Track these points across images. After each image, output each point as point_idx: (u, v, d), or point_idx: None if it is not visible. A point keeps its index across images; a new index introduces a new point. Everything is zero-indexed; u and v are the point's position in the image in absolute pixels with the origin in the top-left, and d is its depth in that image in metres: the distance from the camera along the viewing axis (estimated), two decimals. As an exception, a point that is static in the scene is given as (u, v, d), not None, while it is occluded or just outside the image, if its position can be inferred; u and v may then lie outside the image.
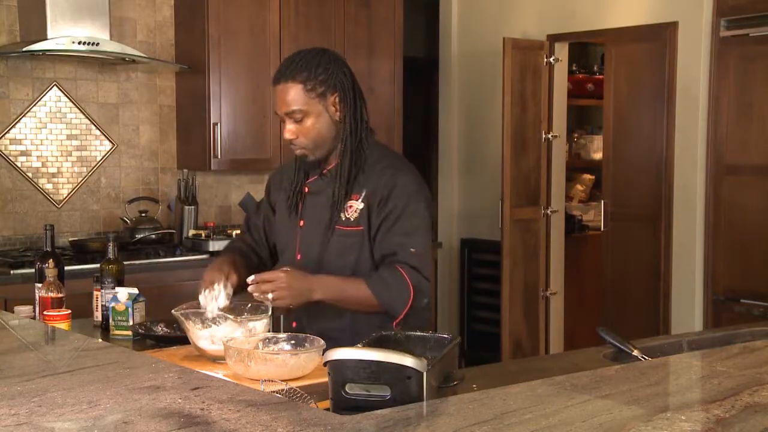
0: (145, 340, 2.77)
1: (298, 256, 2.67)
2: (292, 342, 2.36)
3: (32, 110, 4.68)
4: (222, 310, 2.50)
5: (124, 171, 5.00)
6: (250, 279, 2.46)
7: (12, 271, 4.09)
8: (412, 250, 2.54)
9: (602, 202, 5.47)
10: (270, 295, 2.43)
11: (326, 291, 2.50)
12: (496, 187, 5.53)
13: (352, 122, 2.58)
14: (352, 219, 2.58)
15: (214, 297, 2.51)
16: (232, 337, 2.37)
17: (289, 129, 2.56)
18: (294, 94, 2.53)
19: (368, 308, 2.52)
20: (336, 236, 2.60)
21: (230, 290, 2.54)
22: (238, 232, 4.82)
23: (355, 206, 2.58)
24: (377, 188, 2.57)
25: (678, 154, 5.05)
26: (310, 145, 2.57)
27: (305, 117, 2.54)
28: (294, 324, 2.64)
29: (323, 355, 1.91)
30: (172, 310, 2.49)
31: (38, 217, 4.70)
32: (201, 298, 2.53)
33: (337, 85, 2.56)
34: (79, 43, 4.36)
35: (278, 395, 1.80)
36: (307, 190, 2.69)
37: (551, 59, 5.60)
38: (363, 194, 2.58)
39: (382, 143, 2.73)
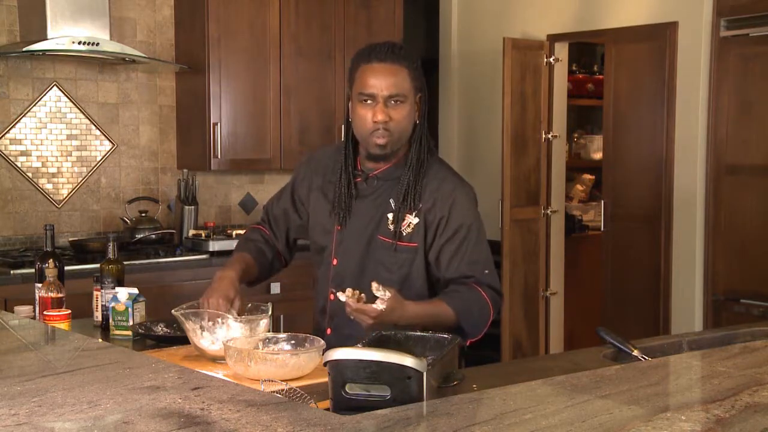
0: (145, 340, 2.77)
1: (335, 262, 2.54)
2: (292, 342, 2.35)
3: (32, 110, 4.68)
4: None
5: (124, 171, 5.00)
6: (349, 312, 2.27)
7: (12, 271, 4.09)
8: (486, 271, 2.46)
9: (602, 202, 5.47)
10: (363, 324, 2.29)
11: (416, 320, 2.32)
12: (495, 187, 5.52)
13: (425, 129, 2.46)
14: (404, 233, 2.45)
15: (216, 330, 2.42)
16: (232, 337, 2.37)
17: (384, 110, 2.38)
18: (402, 78, 2.39)
19: (446, 328, 2.34)
20: (381, 248, 2.47)
21: (233, 323, 2.44)
22: (238, 232, 4.83)
23: (409, 220, 2.45)
24: (435, 204, 2.44)
25: (678, 154, 5.05)
26: (395, 134, 2.41)
27: (402, 105, 2.40)
28: (329, 331, 2.55)
29: (323, 355, 1.91)
30: (172, 310, 2.49)
31: (38, 217, 4.70)
32: (199, 326, 2.43)
33: (423, 86, 2.46)
34: (79, 43, 4.36)
35: (278, 395, 1.80)
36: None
37: (551, 59, 5.60)
38: (419, 209, 2.44)
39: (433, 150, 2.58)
